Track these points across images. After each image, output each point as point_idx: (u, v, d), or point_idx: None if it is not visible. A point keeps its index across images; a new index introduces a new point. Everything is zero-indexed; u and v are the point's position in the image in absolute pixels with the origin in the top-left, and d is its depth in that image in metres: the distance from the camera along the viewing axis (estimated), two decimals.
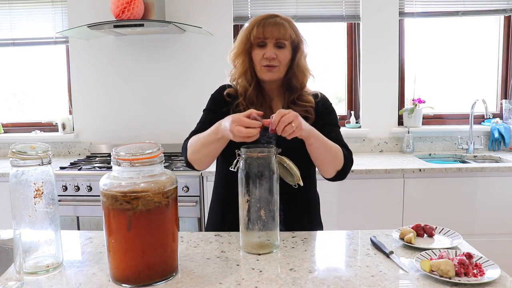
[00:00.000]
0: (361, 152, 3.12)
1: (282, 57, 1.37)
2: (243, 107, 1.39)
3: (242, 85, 1.42)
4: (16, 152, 1.02)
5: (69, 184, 2.50)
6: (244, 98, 1.41)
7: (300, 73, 1.42)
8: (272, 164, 1.16)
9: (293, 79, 1.42)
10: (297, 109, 1.38)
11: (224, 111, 1.41)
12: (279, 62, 1.37)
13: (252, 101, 1.41)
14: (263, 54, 1.37)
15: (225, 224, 1.42)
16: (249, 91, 1.41)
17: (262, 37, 1.35)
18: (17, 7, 3.13)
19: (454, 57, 3.20)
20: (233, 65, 1.46)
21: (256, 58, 1.38)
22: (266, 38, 1.35)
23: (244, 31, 1.40)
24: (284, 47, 1.37)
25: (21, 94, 3.39)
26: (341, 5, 3.07)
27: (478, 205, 2.53)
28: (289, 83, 1.43)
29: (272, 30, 1.35)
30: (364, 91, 3.11)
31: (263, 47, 1.37)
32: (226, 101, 1.44)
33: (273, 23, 1.36)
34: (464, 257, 1.03)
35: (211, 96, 1.52)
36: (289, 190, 1.31)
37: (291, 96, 1.43)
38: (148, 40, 3.08)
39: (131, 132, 3.14)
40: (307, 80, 1.45)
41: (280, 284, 0.99)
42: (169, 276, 1.02)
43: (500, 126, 3.04)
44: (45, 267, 1.07)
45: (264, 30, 1.35)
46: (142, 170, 0.98)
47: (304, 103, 1.43)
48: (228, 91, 1.45)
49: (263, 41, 1.36)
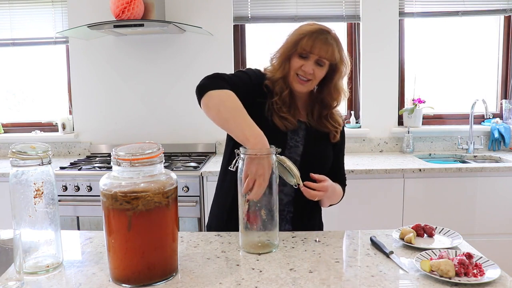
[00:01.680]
0: (361, 152, 3.12)
1: (318, 75, 1.39)
2: (276, 107, 1.41)
3: (280, 85, 1.43)
4: (16, 152, 1.02)
5: (69, 184, 2.50)
6: (279, 98, 1.42)
7: (336, 93, 1.45)
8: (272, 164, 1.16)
9: (328, 97, 1.45)
10: (329, 126, 1.46)
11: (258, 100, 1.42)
12: (313, 77, 1.39)
13: (285, 102, 1.42)
14: (301, 65, 1.37)
15: (231, 224, 1.41)
16: (284, 93, 1.42)
17: (308, 50, 1.35)
18: (17, 7, 3.13)
19: (454, 57, 3.20)
20: (271, 63, 1.46)
21: (293, 65, 1.39)
22: (312, 53, 1.36)
23: (293, 36, 1.39)
24: (324, 65, 1.38)
25: (21, 94, 3.39)
26: (341, 5, 3.07)
27: (478, 205, 2.53)
28: (323, 100, 1.46)
29: (320, 48, 1.35)
30: (364, 91, 3.11)
31: (304, 58, 1.37)
32: (262, 89, 1.44)
33: (324, 40, 1.35)
34: (464, 257, 1.03)
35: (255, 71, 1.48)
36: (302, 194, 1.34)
37: (322, 111, 1.47)
38: (148, 40, 3.08)
39: (131, 132, 3.14)
40: (341, 100, 1.48)
41: (280, 284, 0.99)
42: (169, 276, 1.02)
43: (500, 126, 3.04)
44: (45, 267, 1.07)
45: (313, 45, 1.35)
46: (142, 170, 0.98)
47: (334, 123, 1.48)
48: (267, 83, 1.45)
49: (307, 54, 1.36)
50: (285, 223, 1.44)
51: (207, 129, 3.07)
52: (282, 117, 1.40)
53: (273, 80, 1.43)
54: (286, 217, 1.44)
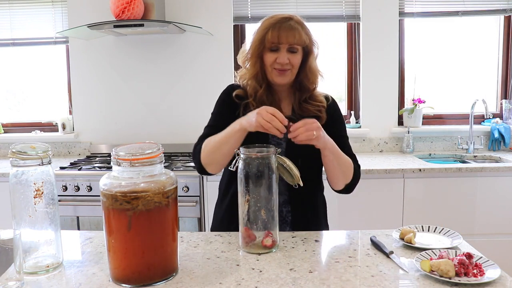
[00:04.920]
0: (361, 152, 3.12)
1: (294, 62, 1.38)
2: (253, 107, 1.38)
3: (252, 86, 1.42)
4: (16, 152, 1.02)
5: (69, 184, 2.50)
6: (254, 99, 1.41)
7: (312, 75, 1.43)
8: (271, 164, 1.17)
9: (305, 80, 1.44)
10: (310, 108, 1.43)
11: (236, 114, 1.40)
12: (291, 66, 1.38)
13: (262, 101, 1.40)
14: (275, 58, 1.36)
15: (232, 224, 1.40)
16: (259, 92, 1.41)
17: (276, 42, 1.35)
18: (17, 7, 3.13)
19: (454, 57, 3.20)
20: (243, 66, 1.45)
21: (268, 61, 1.38)
22: (280, 43, 1.35)
23: (258, 33, 1.39)
24: (297, 51, 1.38)
25: (21, 94, 3.39)
26: (341, 5, 3.07)
27: (478, 205, 2.53)
28: (300, 84, 1.45)
29: (287, 36, 1.34)
30: (364, 91, 3.11)
31: (276, 51, 1.37)
32: (236, 103, 1.43)
33: (288, 27, 1.35)
34: (464, 257, 1.03)
35: (220, 98, 1.50)
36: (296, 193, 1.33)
37: (302, 96, 1.45)
38: (148, 40, 3.08)
39: (131, 132, 3.14)
40: (318, 81, 1.47)
41: (280, 284, 0.99)
42: (169, 276, 1.02)
43: (500, 126, 3.04)
44: (45, 267, 1.07)
45: (279, 35, 1.34)
46: (142, 170, 0.98)
47: (316, 103, 1.45)
48: (237, 93, 1.44)
49: (276, 45, 1.36)
50: (285, 226, 1.43)
51: None
52: None
53: (244, 86, 1.44)
54: (286, 219, 1.43)
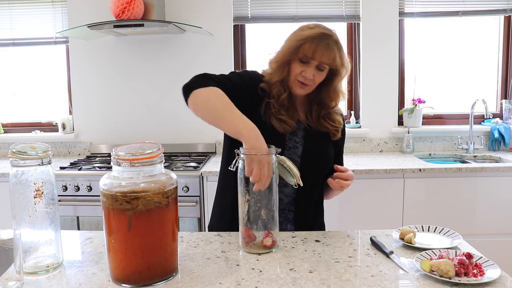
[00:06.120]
0: (361, 152, 3.12)
1: (318, 79, 1.38)
2: (274, 110, 1.40)
3: (277, 89, 1.41)
4: (16, 152, 1.02)
5: (69, 184, 2.50)
6: (276, 101, 1.41)
7: (335, 94, 1.45)
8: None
9: (327, 98, 1.45)
10: (329, 126, 1.46)
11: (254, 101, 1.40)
12: (313, 82, 1.38)
13: (283, 105, 1.41)
14: (302, 70, 1.36)
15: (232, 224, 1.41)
16: (282, 96, 1.41)
17: (310, 57, 1.34)
18: (17, 7, 3.13)
19: (454, 57, 3.19)
20: (270, 66, 1.44)
21: (293, 70, 1.37)
22: (313, 59, 1.34)
23: (293, 41, 1.36)
24: (324, 70, 1.37)
25: (21, 94, 3.39)
26: (341, 5, 3.07)
27: (478, 205, 2.53)
28: (321, 101, 1.46)
29: (322, 54, 1.33)
30: (364, 91, 3.11)
31: (305, 63, 1.35)
32: (258, 94, 1.43)
33: (325, 46, 1.33)
34: (464, 257, 1.03)
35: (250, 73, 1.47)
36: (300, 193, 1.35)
37: (321, 112, 1.46)
38: (148, 40, 3.08)
39: (131, 132, 3.14)
40: (339, 101, 1.49)
41: (280, 284, 0.99)
42: (169, 276, 1.02)
43: (500, 126, 3.04)
44: (45, 267, 1.07)
45: (315, 51, 1.32)
46: (142, 170, 0.98)
47: (335, 124, 1.48)
48: (262, 86, 1.43)
49: (308, 60, 1.35)
50: (287, 223, 1.44)
51: (207, 129, 3.03)
52: (281, 120, 1.40)
53: (270, 83, 1.43)
54: (288, 217, 1.44)
